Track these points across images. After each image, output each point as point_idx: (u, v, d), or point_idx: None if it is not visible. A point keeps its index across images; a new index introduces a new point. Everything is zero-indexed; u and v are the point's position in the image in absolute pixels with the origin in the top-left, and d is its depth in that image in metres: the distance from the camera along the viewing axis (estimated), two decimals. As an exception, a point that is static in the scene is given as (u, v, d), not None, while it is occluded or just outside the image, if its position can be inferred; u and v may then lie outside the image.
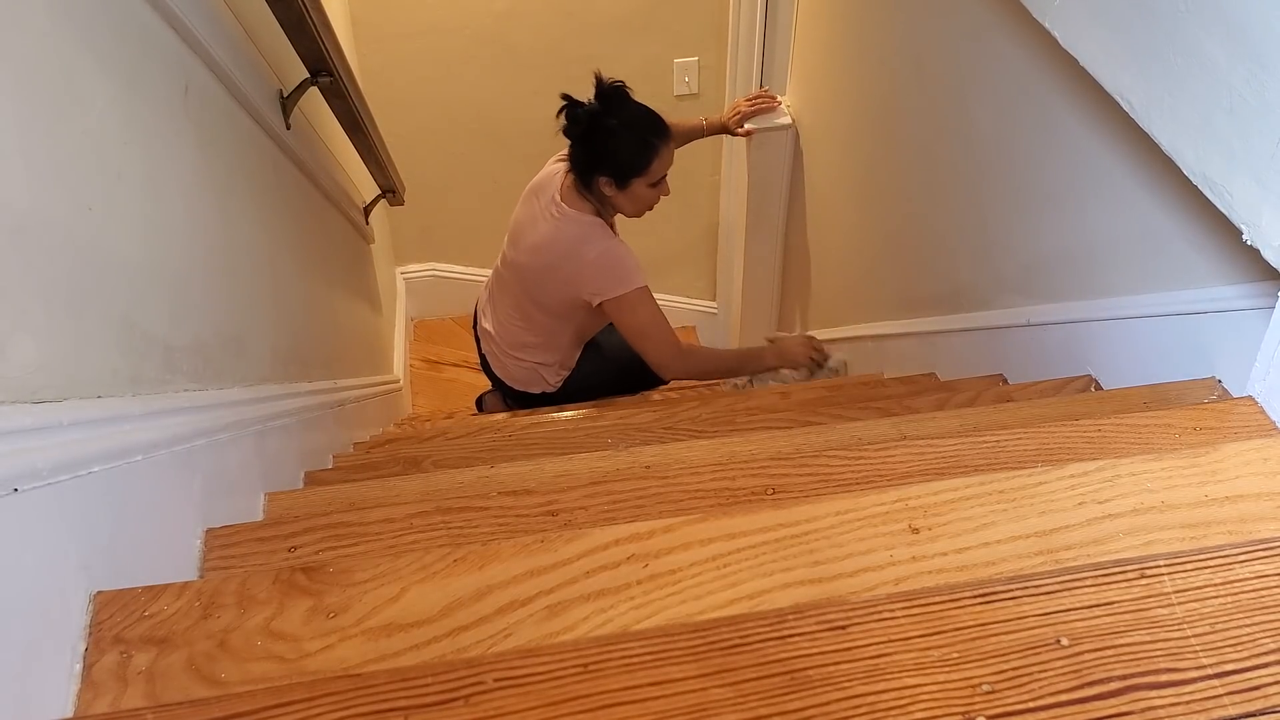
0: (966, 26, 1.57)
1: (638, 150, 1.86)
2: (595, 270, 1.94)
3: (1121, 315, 1.25)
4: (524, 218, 2.06)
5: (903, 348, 2.11)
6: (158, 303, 0.89)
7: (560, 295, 2.03)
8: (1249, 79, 0.88)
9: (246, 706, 0.55)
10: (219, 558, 0.87)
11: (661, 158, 1.89)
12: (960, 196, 1.71)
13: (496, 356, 2.29)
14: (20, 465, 0.58)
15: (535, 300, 2.09)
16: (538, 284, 2.05)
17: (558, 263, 1.98)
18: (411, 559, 0.71)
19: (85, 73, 0.79)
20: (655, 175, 1.91)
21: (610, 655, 0.58)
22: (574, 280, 1.97)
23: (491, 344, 2.30)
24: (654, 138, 1.87)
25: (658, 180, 1.93)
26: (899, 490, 0.76)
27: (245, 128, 1.32)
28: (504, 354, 2.26)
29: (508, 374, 2.28)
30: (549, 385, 2.27)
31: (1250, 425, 0.93)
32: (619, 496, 0.91)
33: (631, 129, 1.86)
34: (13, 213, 0.63)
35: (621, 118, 1.85)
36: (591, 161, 1.89)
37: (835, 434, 1.14)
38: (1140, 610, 0.61)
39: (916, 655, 0.58)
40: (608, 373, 2.30)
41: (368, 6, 3.12)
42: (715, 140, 3.54)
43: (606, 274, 1.94)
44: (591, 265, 1.94)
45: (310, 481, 1.29)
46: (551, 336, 2.16)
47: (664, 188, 1.97)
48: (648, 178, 1.90)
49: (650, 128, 1.87)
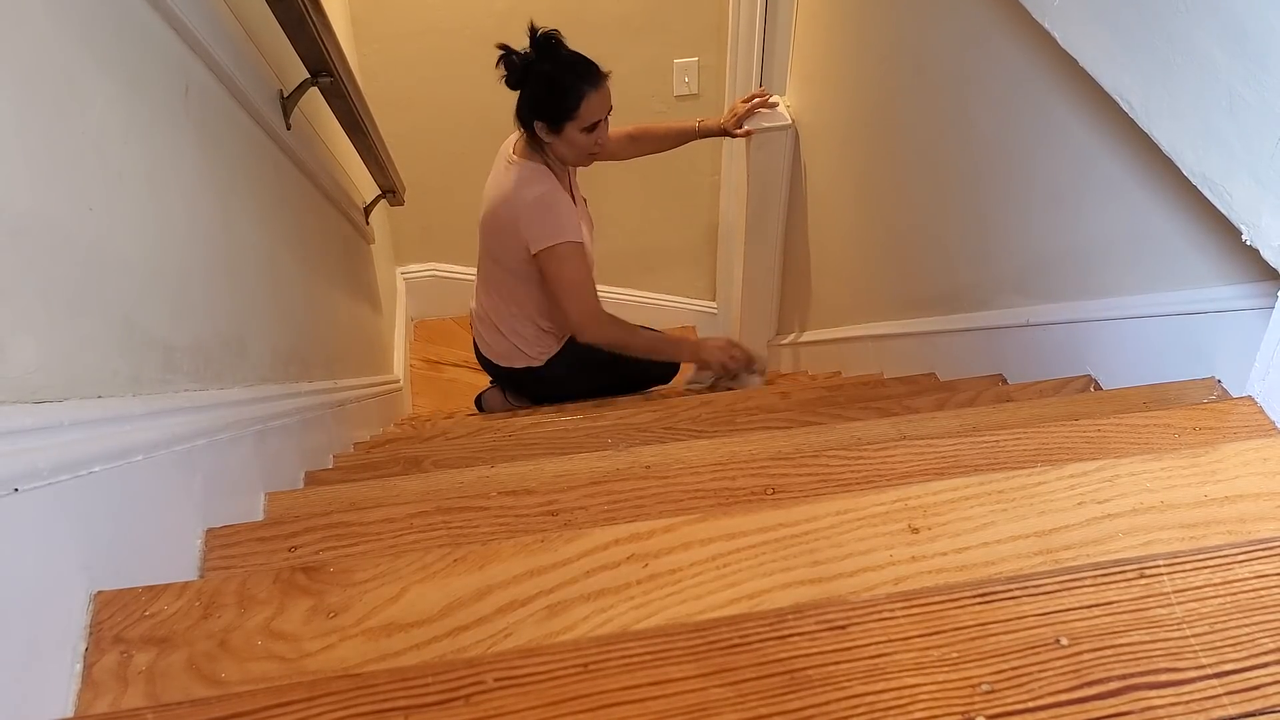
0: (966, 27, 1.57)
1: (566, 93, 1.92)
2: (531, 213, 1.99)
3: (1121, 315, 1.25)
4: (490, 180, 2.12)
5: (903, 348, 2.11)
6: (158, 303, 0.89)
7: (510, 246, 2.06)
8: (1249, 79, 0.88)
9: (247, 706, 0.55)
10: (219, 558, 0.87)
11: (590, 101, 1.93)
12: (960, 196, 1.71)
13: (481, 335, 2.33)
14: (21, 465, 0.58)
15: (496, 259, 2.14)
16: (495, 239, 2.10)
17: (502, 209, 2.03)
18: (412, 559, 0.71)
19: (85, 73, 0.79)
20: (585, 119, 1.94)
21: (610, 655, 0.58)
22: (514, 224, 2.01)
23: (476, 323, 2.34)
24: (583, 82, 1.92)
25: (591, 125, 1.96)
26: (899, 490, 0.76)
27: (245, 128, 1.32)
28: (485, 328, 2.30)
29: (491, 350, 2.32)
30: (532, 359, 2.29)
31: (1250, 425, 0.93)
32: (619, 496, 0.91)
33: (562, 73, 1.92)
34: (13, 213, 0.64)
35: (553, 63, 1.92)
36: (528, 108, 1.95)
37: (835, 434, 1.14)
38: (1140, 610, 0.61)
39: (916, 655, 0.58)
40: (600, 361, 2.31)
41: (368, 6, 3.12)
42: (715, 140, 3.54)
43: (541, 219, 1.98)
44: (528, 207, 1.99)
45: (310, 481, 1.30)
46: (515, 298, 2.18)
47: (602, 134, 2.01)
48: (578, 122, 1.94)
49: (579, 73, 1.92)
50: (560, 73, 1.92)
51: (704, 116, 2.61)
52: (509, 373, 2.34)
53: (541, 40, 1.92)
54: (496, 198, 2.05)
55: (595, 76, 1.93)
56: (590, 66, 1.94)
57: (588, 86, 1.92)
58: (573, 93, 1.92)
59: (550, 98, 1.93)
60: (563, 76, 1.92)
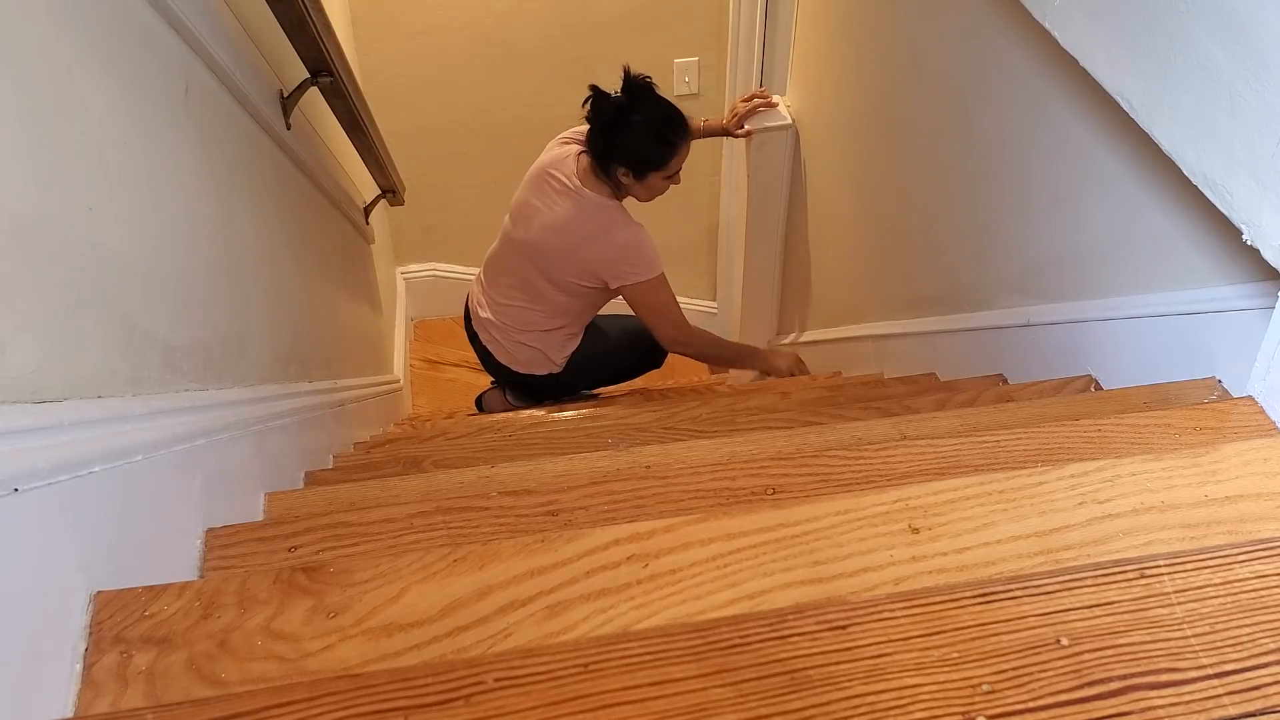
0: (966, 26, 1.57)
1: (659, 146, 1.93)
2: (621, 255, 2.01)
3: (1121, 315, 1.25)
4: (534, 199, 2.08)
5: (903, 348, 2.11)
6: (158, 303, 0.89)
7: (577, 275, 2.08)
8: (1249, 79, 0.88)
9: (247, 706, 0.55)
10: (219, 558, 0.87)
11: (680, 154, 1.96)
12: (960, 196, 1.71)
13: (499, 343, 2.30)
14: (20, 465, 0.58)
15: (549, 278, 2.12)
16: (554, 263, 2.08)
17: (580, 244, 2.03)
18: (412, 559, 0.71)
19: (85, 73, 0.79)
20: (672, 170, 1.98)
21: (610, 655, 0.58)
22: (596, 262, 2.03)
23: (492, 331, 2.30)
24: (675, 136, 1.93)
25: (673, 173, 2.00)
26: (899, 490, 0.76)
27: (245, 128, 1.32)
28: (507, 338, 2.27)
29: (512, 358, 2.30)
30: (554, 365, 2.29)
31: (1250, 425, 0.93)
32: (619, 496, 0.91)
33: (654, 125, 1.91)
34: (13, 213, 0.63)
35: (645, 113, 1.91)
36: (612, 151, 1.94)
37: (835, 434, 1.14)
38: (1140, 610, 0.61)
39: (916, 655, 0.58)
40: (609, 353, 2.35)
41: (368, 6, 3.12)
42: (715, 140, 3.54)
43: (633, 260, 2.01)
44: (618, 250, 2.01)
45: (310, 481, 1.29)
46: (562, 313, 2.20)
47: (677, 178, 2.04)
48: (665, 171, 1.97)
49: (672, 125, 1.93)
50: (659, 125, 1.91)
51: (706, 116, 2.61)
52: (527, 379, 2.34)
53: (638, 87, 1.90)
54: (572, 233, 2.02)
55: (685, 129, 1.95)
56: (679, 118, 1.95)
57: (680, 138, 1.94)
58: (670, 145, 1.93)
59: (641, 149, 1.92)
60: (662, 129, 1.92)
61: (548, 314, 2.20)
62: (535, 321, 2.22)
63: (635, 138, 1.91)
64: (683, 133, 1.95)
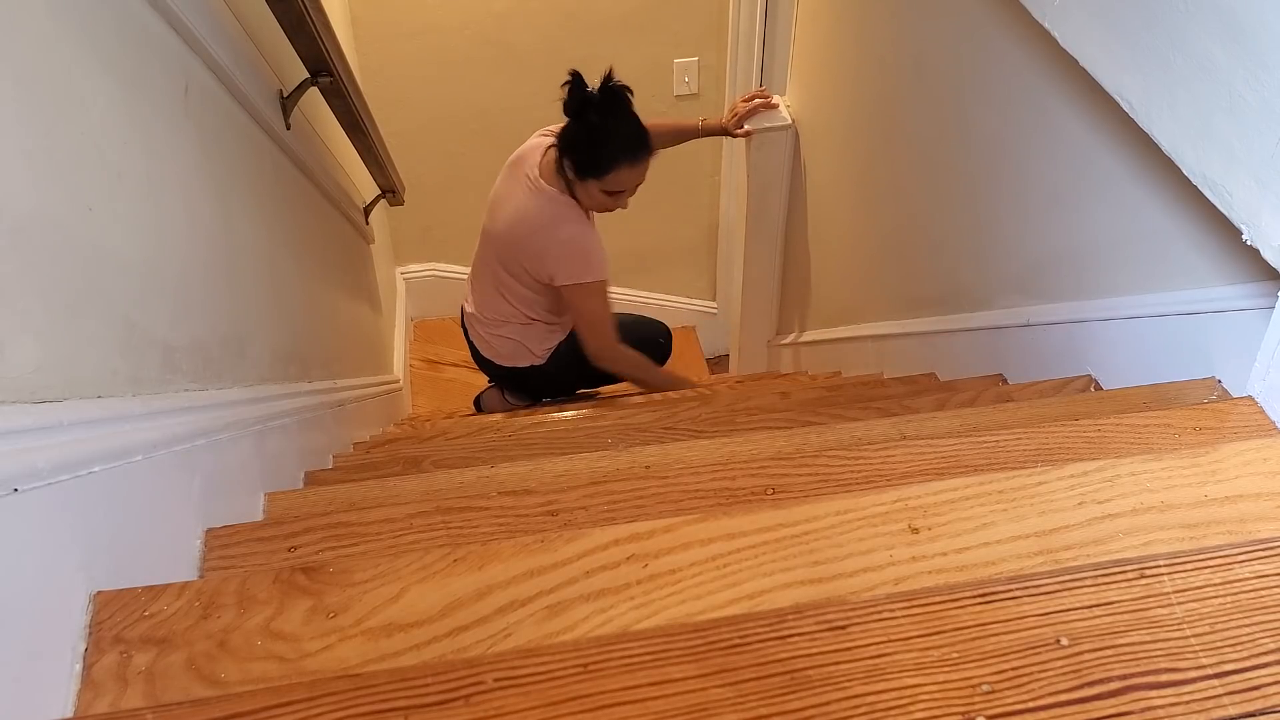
0: (966, 26, 1.57)
1: (603, 155, 1.89)
2: (563, 251, 1.99)
3: (1121, 315, 1.25)
4: (503, 189, 2.09)
5: (903, 348, 2.11)
6: (158, 303, 0.89)
7: (529, 267, 2.07)
8: (1249, 79, 0.88)
9: (247, 706, 0.55)
10: (219, 558, 0.87)
11: (620, 174, 1.92)
12: (960, 196, 1.71)
13: (482, 336, 2.31)
14: (20, 465, 0.58)
15: (511, 271, 2.13)
16: (512, 256, 2.09)
17: (528, 235, 2.02)
18: (411, 559, 0.71)
19: (86, 73, 0.79)
20: (611, 185, 1.94)
21: (610, 655, 0.58)
22: (541, 255, 2.02)
23: (476, 325, 2.32)
24: (623, 153, 1.90)
25: (615, 191, 1.96)
26: (899, 490, 0.76)
27: (245, 128, 1.32)
28: (488, 331, 2.29)
29: (494, 351, 2.31)
30: (535, 357, 2.29)
31: (1250, 425, 0.93)
32: (619, 496, 0.91)
33: (608, 134, 1.88)
34: (13, 213, 0.63)
35: (606, 119, 1.88)
36: (568, 142, 1.93)
37: (835, 434, 1.14)
38: (1140, 610, 0.61)
39: (916, 655, 0.58)
40: None
41: (368, 6, 3.12)
42: (715, 140, 3.54)
43: (573, 259, 1.99)
44: (560, 246, 1.98)
45: (310, 481, 1.29)
46: (530, 305, 2.19)
47: (622, 201, 2.00)
48: (601, 183, 1.93)
49: (625, 142, 1.90)
50: (608, 132, 1.88)
51: (706, 115, 2.61)
52: (511, 371, 2.34)
53: (608, 91, 1.88)
54: (523, 223, 2.02)
55: (639, 151, 1.91)
56: (639, 141, 1.91)
57: (625, 159, 1.90)
58: (609, 158, 1.89)
59: (588, 148, 1.90)
60: (609, 137, 1.88)
61: (520, 307, 2.20)
62: (511, 314, 2.22)
63: (584, 135, 1.89)
64: (632, 155, 1.90)
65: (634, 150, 1.91)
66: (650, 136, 1.95)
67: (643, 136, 1.92)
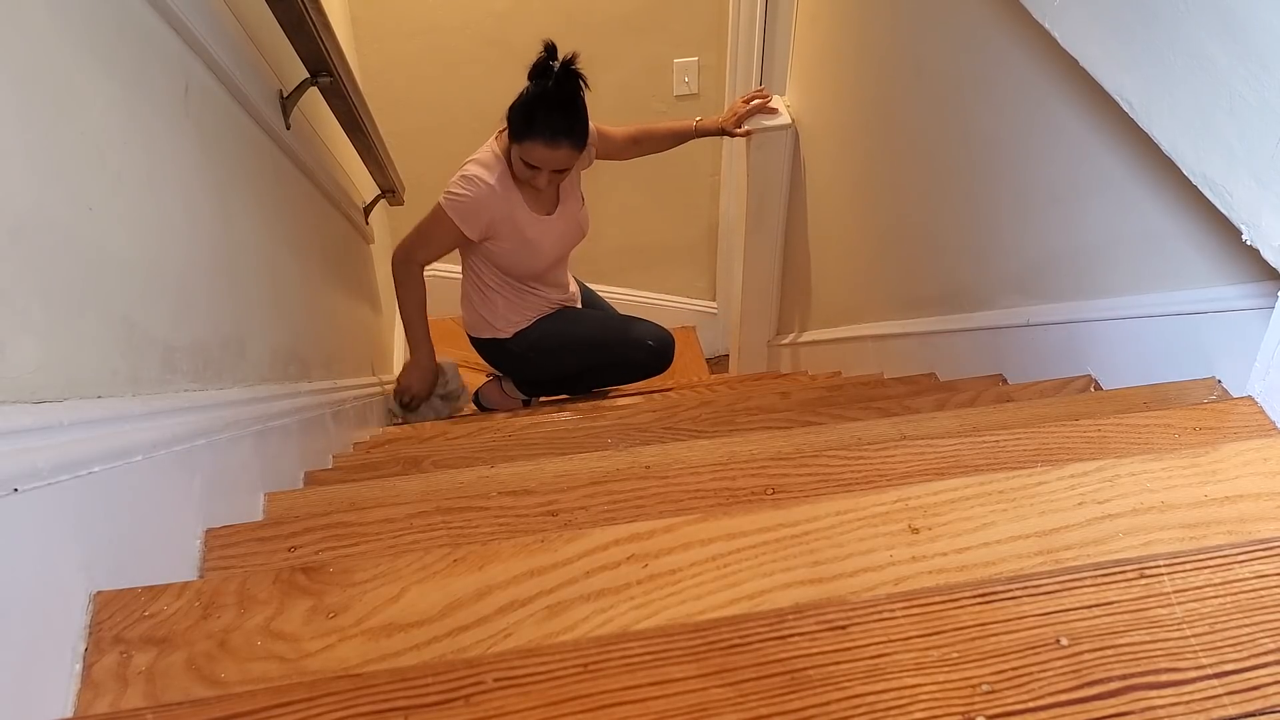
0: (966, 26, 1.57)
1: (526, 122, 1.93)
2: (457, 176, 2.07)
3: (1121, 315, 1.25)
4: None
5: (903, 348, 2.11)
6: (158, 303, 0.89)
7: None
8: (1249, 79, 0.88)
9: (247, 706, 0.55)
10: (219, 558, 0.87)
11: (535, 149, 1.95)
12: (960, 196, 1.71)
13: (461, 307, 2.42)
14: (20, 465, 0.58)
15: None
16: None
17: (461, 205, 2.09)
18: (411, 559, 0.71)
19: (85, 73, 0.79)
20: (526, 155, 1.98)
21: (610, 655, 0.58)
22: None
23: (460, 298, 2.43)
24: (544, 129, 1.93)
25: (530, 165, 2.00)
26: (899, 490, 0.76)
27: (245, 128, 1.32)
28: (461, 300, 2.40)
29: (466, 322, 2.42)
30: (497, 330, 2.35)
31: (1250, 425, 0.93)
32: (619, 496, 0.91)
33: (540, 105, 1.92)
34: (13, 213, 0.63)
35: (547, 92, 1.91)
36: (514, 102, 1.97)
37: (835, 434, 1.14)
38: (1140, 610, 0.61)
39: (916, 655, 0.58)
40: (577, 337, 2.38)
41: (368, 6, 3.12)
42: (715, 140, 3.54)
43: (456, 182, 2.06)
44: (460, 173, 2.07)
45: (310, 481, 1.29)
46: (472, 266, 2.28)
47: (538, 179, 2.03)
48: (520, 150, 1.98)
49: (550, 120, 1.92)
50: (538, 105, 1.92)
51: (703, 116, 2.61)
52: (481, 344, 2.42)
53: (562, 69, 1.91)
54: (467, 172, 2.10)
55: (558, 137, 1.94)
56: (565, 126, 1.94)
57: (543, 135, 1.94)
58: (528, 128, 1.93)
59: (521, 110, 1.94)
60: (536, 110, 1.93)
61: (470, 272, 2.29)
62: (471, 279, 2.31)
63: (525, 98, 1.94)
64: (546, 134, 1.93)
65: (554, 133, 1.93)
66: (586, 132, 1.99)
67: (570, 124, 1.95)
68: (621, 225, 3.77)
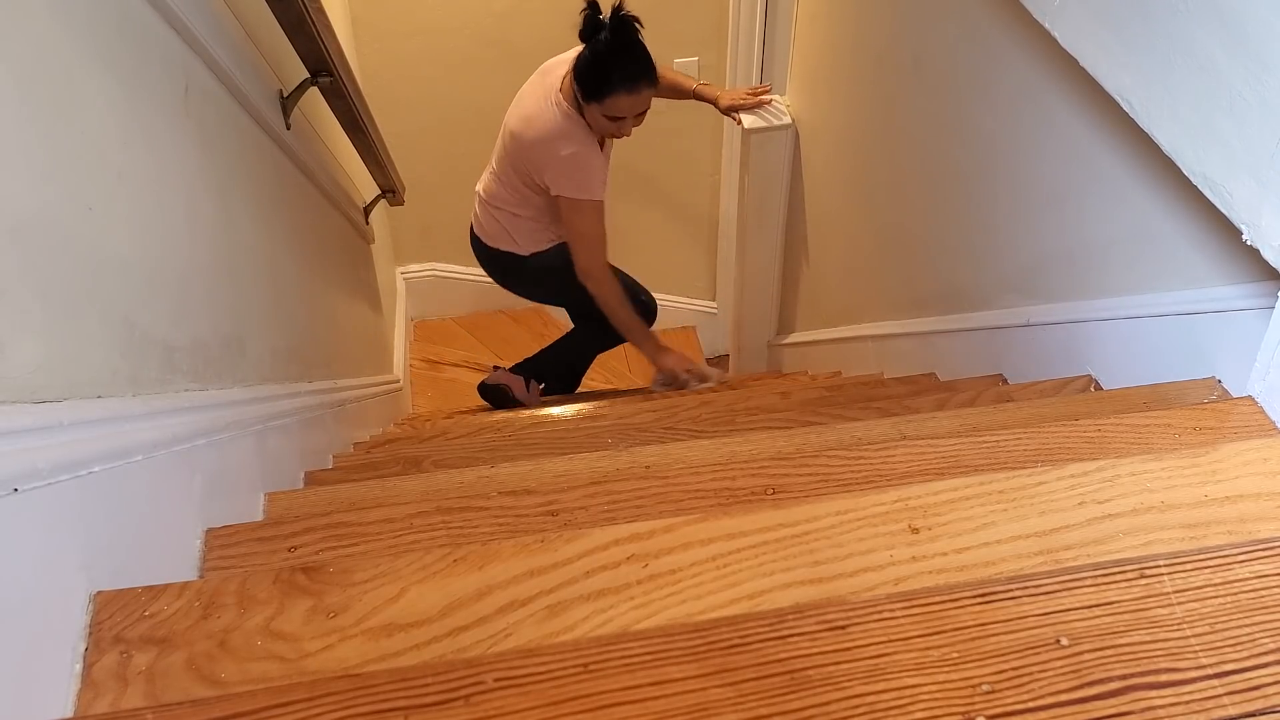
0: (966, 26, 1.57)
1: (603, 81, 1.94)
2: (563, 166, 2.06)
3: (1121, 315, 1.25)
4: (528, 90, 2.15)
5: (903, 348, 2.11)
6: (158, 303, 0.89)
7: (532, 171, 2.14)
8: (1249, 79, 0.88)
9: (247, 706, 0.55)
10: (219, 558, 0.87)
11: (619, 100, 1.96)
12: (960, 196, 1.71)
13: (478, 215, 2.39)
14: (20, 465, 0.58)
15: (515, 167, 2.20)
16: (518, 153, 2.16)
17: (535, 144, 2.09)
18: (411, 559, 0.71)
19: (85, 73, 0.79)
20: (610, 110, 1.98)
21: (610, 655, 0.58)
22: (542, 164, 2.09)
23: (477, 206, 2.40)
24: (620, 81, 1.94)
25: (617, 117, 2.00)
26: (899, 490, 0.76)
27: (245, 128, 1.32)
28: (484, 208, 2.36)
29: (484, 229, 2.38)
30: (518, 246, 2.35)
31: (1250, 425, 0.93)
32: (619, 496, 0.91)
33: (608, 60, 1.93)
34: (13, 213, 0.63)
35: (610, 45, 1.92)
36: (577, 67, 1.98)
37: (835, 434, 1.14)
38: (1140, 610, 0.61)
39: (916, 655, 0.58)
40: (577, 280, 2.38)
41: (368, 6, 3.12)
42: (715, 139, 3.55)
43: (572, 174, 2.06)
44: (562, 161, 2.05)
45: (310, 481, 1.29)
46: (521, 203, 2.27)
47: (625, 128, 2.05)
48: (603, 108, 1.98)
49: (624, 70, 1.94)
50: (607, 59, 1.92)
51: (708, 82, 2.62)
52: (495, 255, 2.39)
53: (616, 19, 1.92)
54: (531, 128, 2.08)
55: (638, 80, 1.95)
56: (639, 70, 1.95)
57: (623, 87, 1.94)
58: (606, 84, 1.94)
59: (592, 72, 1.94)
60: (607, 64, 1.93)
61: (514, 198, 2.27)
62: (506, 201, 2.29)
63: (590, 60, 1.94)
64: (631, 82, 1.93)
65: (633, 79, 1.95)
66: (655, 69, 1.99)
67: (643, 67, 1.96)
68: (621, 225, 3.77)
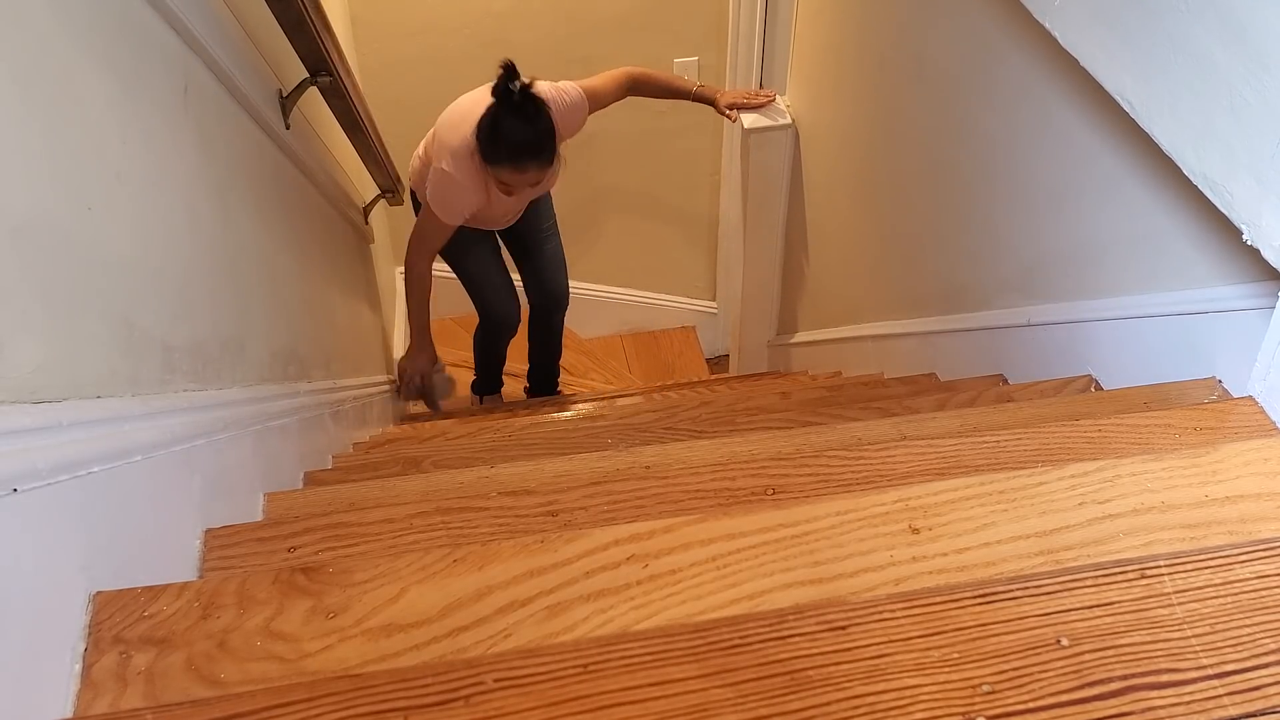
0: (966, 26, 1.57)
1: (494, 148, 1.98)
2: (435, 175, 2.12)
3: (1122, 315, 1.25)
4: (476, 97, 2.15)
5: (903, 348, 2.11)
6: (157, 303, 0.89)
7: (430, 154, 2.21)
8: (1249, 79, 0.88)
9: (246, 707, 0.55)
10: (219, 558, 0.87)
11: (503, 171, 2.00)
12: (960, 196, 1.71)
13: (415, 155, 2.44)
14: (20, 465, 0.58)
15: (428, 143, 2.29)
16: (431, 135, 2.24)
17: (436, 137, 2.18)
18: (411, 559, 0.71)
19: (85, 73, 0.79)
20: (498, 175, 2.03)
21: (610, 655, 0.58)
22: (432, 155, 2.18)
23: None
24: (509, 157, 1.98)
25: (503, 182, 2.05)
26: (899, 490, 0.76)
27: (245, 128, 1.32)
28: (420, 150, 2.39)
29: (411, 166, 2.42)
30: None
31: (1250, 425, 0.93)
32: (619, 496, 0.91)
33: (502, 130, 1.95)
34: (13, 213, 0.63)
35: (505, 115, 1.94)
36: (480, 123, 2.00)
37: (835, 434, 1.14)
38: (1140, 610, 0.60)
39: (917, 655, 0.58)
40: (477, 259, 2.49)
41: (368, 6, 3.12)
42: (715, 139, 3.55)
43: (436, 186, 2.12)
44: (436, 171, 2.11)
45: (310, 481, 1.29)
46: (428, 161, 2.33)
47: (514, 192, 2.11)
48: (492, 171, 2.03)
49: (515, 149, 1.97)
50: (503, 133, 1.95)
51: (705, 83, 2.61)
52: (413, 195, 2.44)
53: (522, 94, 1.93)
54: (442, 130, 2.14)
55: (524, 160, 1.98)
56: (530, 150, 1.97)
57: (509, 162, 1.98)
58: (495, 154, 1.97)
59: (489, 135, 1.96)
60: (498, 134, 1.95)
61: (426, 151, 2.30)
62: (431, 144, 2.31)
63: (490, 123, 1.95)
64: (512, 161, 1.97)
65: (519, 158, 1.97)
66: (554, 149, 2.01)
67: (537, 147, 1.97)
68: (621, 225, 3.77)
